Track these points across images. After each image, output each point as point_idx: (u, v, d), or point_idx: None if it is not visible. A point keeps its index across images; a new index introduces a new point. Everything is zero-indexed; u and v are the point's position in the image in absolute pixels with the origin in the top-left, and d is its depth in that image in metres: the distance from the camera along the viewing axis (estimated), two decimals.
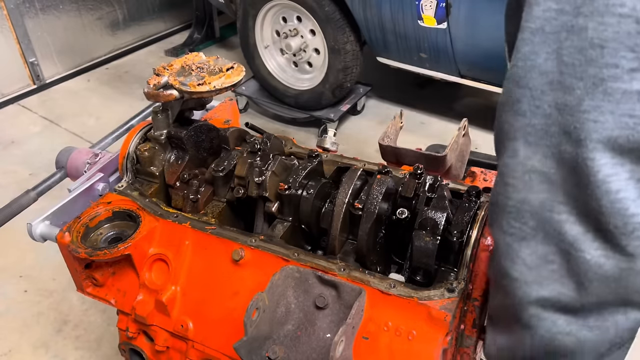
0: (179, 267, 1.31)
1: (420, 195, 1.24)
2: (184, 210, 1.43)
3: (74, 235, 1.33)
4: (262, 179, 1.34)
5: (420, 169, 1.24)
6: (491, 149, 3.22)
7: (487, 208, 1.19)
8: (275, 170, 1.36)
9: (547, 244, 0.77)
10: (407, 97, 4.10)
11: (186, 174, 1.46)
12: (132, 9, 4.82)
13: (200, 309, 1.28)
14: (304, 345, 1.07)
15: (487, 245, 1.13)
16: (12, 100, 4.15)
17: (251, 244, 1.25)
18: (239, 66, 1.43)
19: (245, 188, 1.38)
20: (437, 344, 1.04)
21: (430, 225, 1.14)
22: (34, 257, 2.72)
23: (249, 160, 1.39)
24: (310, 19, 3.40)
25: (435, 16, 3.04)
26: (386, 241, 1.27)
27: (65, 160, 1.72)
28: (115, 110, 4.03)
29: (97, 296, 1.42)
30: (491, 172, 1.41)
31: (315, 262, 1.19)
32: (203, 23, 4.85)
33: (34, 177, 3.29)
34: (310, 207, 1.31)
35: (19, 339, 2.33)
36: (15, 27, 4.02)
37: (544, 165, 0.74)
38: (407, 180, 1.24)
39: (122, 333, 1.41)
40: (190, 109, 1.55)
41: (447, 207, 1.16)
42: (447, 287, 1.09)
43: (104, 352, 2.27)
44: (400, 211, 1.20)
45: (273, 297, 1.11)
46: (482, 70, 3.25)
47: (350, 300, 1.07)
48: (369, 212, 1.21)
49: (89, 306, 2.46)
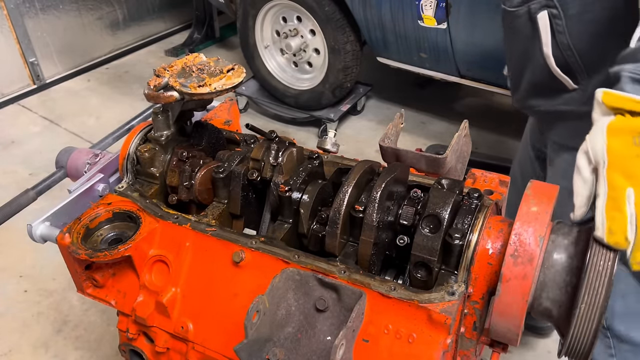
0: (179, 268, 1.31)
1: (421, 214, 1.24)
2: (179, 194, 1.44)
3: (74, 237, 1.33)
4: (277, 162, 1.36)
5: (417, 195, 1.24)
6: (491, 149, 3.22)
7: (488, 210, 1.20)
8: (291, 156, 1.38)
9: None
10: (407, 97, 4.10)
11: (185, 152, 1.47)
12: (132, 9, 4.82)
13: (201, 310, 1.28)
14: (304, 348, 1.07)
15: (487, 249, 1.13)
16: (12, 100, 4.15)
17: (251, 245, 1.25)
18: (239, 67, 1.43)
19: (260, 171, 1.38)
20: (438, 347, 1.04)
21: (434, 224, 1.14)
22: (34, 257, 2.72)
23: (266, 145, 1.41)
24: (310, 19, 3.40)
25: (435, 16, 3.04)
26: (387, 244, 1.27)
27: (65, 159, 1.72)
28: (115, 110, 4.03)
29: (97, 297, 1.42)
30: (491, 173, 1.41)
31: (316, 264, 1.19)
32: (203, 23, 4.85)
33: (34, 177, 3.29)
34: (310, 209, 1.31)
35: (19, 339, 2.33)
36: (15, 27, 4.02)
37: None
38: (405, 207, 1.24)
39: (122, 334, 1.41)
40: (190, 110, 1.56)
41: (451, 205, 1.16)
42: (448, 290, 1.09)
43: (104, 352, 2.27)
44: (400, 238, 1.20)
45: (273, 299, 1.11)
46: (482, 70, 3.25)
47: (350, 303, 1.07)
48: (369, 219, 1.20)
49: (89, 306, 2.46)
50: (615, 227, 0.92)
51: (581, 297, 1.01)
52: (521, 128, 2.09)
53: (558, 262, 1.08)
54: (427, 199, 1.19)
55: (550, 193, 1.14)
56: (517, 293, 1.05)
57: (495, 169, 1.46)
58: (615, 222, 0.92)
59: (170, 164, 1.49)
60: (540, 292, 1.09)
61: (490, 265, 1.12)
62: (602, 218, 0.94)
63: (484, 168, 1.49)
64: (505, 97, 3.51)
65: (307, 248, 1.33)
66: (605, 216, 0.93)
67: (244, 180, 1.40)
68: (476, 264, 1.13)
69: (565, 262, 1.08)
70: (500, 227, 1.16)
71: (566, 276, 1.07)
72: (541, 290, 1.09)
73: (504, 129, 3.61)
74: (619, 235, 0.92)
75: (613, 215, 0.92)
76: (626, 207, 0.92)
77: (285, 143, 1.41)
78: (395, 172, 1.26)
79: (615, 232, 0.93)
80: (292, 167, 1.39)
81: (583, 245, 1.07)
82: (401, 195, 1.31)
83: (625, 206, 0.92)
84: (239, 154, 1.46)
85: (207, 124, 1.59)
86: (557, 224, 1.15)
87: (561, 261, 1.08)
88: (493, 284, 1.11)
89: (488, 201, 1.25)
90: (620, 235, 0.92)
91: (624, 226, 0.91)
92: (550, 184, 1.17)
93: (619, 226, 0.92)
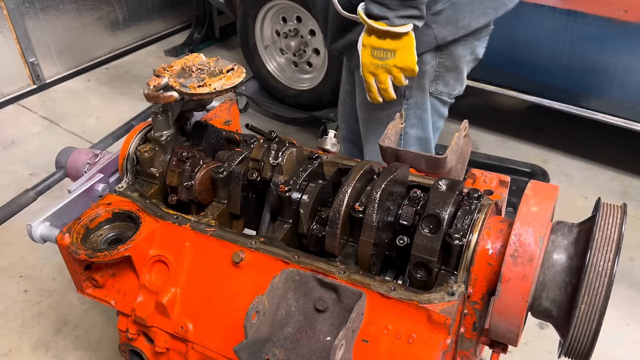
0: (179, 268, 1.30)
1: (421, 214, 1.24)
2: (178, 195, 1.45)
3: (74, 237, 1.33)
4: (277, 162, 1.36)
5: (417, 195, 1.24)
6: (490, 149, 3.23)
7: (488, 210, 1.19)
8: (291, 156, 1.38)
9: None
10: None
11: (184, 152, 1.47)
12: (132, 9, 4.81)
13: (200, 310, 1.28)
14: (304, 348, 1.07)
15: (487, 249, 1.13)
16: (12, 100, 4.15)
17: (251, 246, 1.25)
18: (239, 68, 1.43)
19: (260, 171, 1.38)
20: (437, 347, 1.04)
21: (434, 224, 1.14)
22: (34, 257, 2.72)
23: (265, 145, 1.41)
24: (310, 19, 3.40)
25: None
26: (387, 244, 1.27)
27: (65, 160, 1.72)
28: (115, 110, 4.02)
29: (97, 297, 1.42)
30: (491, 173, 1.41)
31: (316, 264, 1.19)
32: (203, 23, 4.85)
33: (34, 177, 3.29)
34: (310, 209, 1.31)
35: (19, 339, 2.33)
36: (15, 27, 4.02)
37: None
38: (405, 207, 1.24)
39: (122, 334, 1.41)
40: (190, 110, 1.56)
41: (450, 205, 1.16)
42: (447, 291, 1.09)
43: (104, 352, 2.27)
44: (400, 238, 1.20)
45: (273, 299, 1.11)
46: (482, 70, 3.25)
47: (350, 304, 1.07)
48: (369, 219, 1.20)
49: (89, 306, 2.46)
50: (374, 94, 1.60)
51: (581, 297, 1.01)
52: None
53: (558, 262, 1.08)
54: (427, 199, 1.19)
55: (550, 193, 1.14)
56: (517, 293, 1.05)
57: (495, 169, 1.46)
58: (371, 93, 1.60)
59: (170, 164, 1.49)
60: (540, 292, 1.09)
61: (490, 266, 1.12)
62: (365, 90, 1.63)
63: (484, 168, 1.49)
64: (505, 97, 3.51)
65: (307, 248, 1.33)
66: (366, 88, 1.61)
67: (244, 180, 1.40)
68: (476, 265, 1.13)
69: (565, 262, 1.08)
70: (500, 227, 1.16)
71: (566, 276, 1.07)
72: (541, 290, 1.09)
73: (504, 129, 3.60)
74: (377, 95, 1.60)
75: (371, 88, 1.59)
76: (376, 91, 1.59)
77: (285, 143, 1.41)
78: (395, 172, 1.26)
79: (374, 92, 1.60)
80: (292, 167, 1.39)
81: (583, 245, 1.07)
82: (401, 195, 1.31)
83: (375, 91, 1.59)
84: (238, 154, 1.46)
85: (207, 124, 1.59)
86: (557, 224, 1.15)
87: (561, 261, 1.08)
88: (493, 284, 1.11)
89: (488, 201, 1.25)
90: (377, 94, 1.60)
91: (374, 95, 1.61)
92: (551, 184, 1.17)
93: (376, 93, 1.60)
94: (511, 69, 3.11)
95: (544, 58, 2.91)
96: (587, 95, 2.95)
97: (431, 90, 1.78)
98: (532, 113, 3.77)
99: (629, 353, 2.22)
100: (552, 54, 2.87)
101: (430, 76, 1.74)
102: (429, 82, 1.75)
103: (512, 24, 2.86)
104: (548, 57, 2.89)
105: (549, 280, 1.08)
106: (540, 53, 2.90)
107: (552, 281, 1.08)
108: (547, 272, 1.08)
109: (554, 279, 1.08)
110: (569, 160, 3.36)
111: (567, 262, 1.08)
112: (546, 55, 2.89)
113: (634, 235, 2.70)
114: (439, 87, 1.79)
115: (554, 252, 1.09)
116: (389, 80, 1.56)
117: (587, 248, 1.02)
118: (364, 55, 1.54)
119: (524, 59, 3.00)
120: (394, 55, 1.50)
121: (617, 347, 2.21)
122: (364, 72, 1.57)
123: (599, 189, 3.13)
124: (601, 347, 1.16)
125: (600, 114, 2.95)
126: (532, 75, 3.05)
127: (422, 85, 1.74)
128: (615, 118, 2.91)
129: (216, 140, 1.59)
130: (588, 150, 3.40)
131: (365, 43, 1.53)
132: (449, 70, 1.75)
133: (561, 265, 1.08)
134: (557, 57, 2.86)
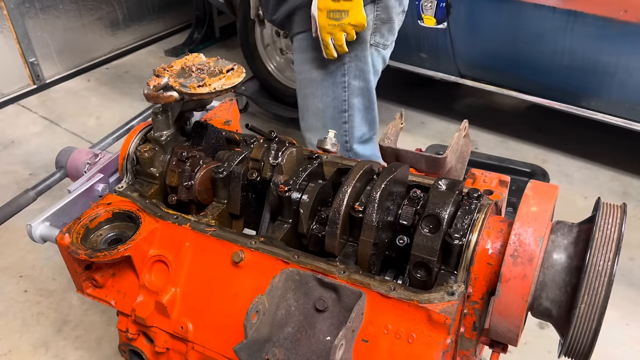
0: (179, 268, 1.30)
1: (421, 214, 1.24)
2: (178, 195, 1.45)
3: (74, 237, 1.33)
4: (277, 162, 1.36)
5: (417, 195, 1.24)
6: (490, 149, 3.24)
7: (488, 210, 1.19)
8: (291, 156, 1.38)
9: None
10: (407, 97, 4.10)
11: (184, 152, 1.47)
12: (132, 9, 4.82)
13: (200, 310, 1.28)
14: (304, 348, 1.07)
15: (487, 249, 1.13)
16: (12, 100, 4.15)
17: (251, 245, 1.25)
18: (239, 67, 1.43)
19: (259, 171, 1.38)
20: (437, 347, 1.04)
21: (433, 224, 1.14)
22: (34, 257, 2.72)
23: (265, 145, 1.41)
24: None
25: (435, 16, 3.05)
26: (387, 244, 1.27)
27: (65, 160, 1.72)
28: (115, 110, 4.03)
29: (97, 297, 1.42)
30: (491, 173, 1.41)
31: (316, 264, 1.19)
32: (203, 23, 4.85)
33: (34, 177, 3.29)
34: (310, 209, 1.31)
35: (19, 339, 2.33)
36: (15, 27, 4.02)
37: None
38: (405, 207, 1.24)
39: (122, 334, 1.41)
40: (190, 110, 1.56)
41: (450, 205, 1.16)
42: (447, 290, 1.09)
43: (104, 352, 2.27)
44: (400, 238, 1.20)
45: (273, 299, 1.11)
46: (482, 70, 3.25)
47: (350, 303, 1.07)
48: (369, 219, 1.20)
49: (89, 306, 2.46)
50: (331, 50, 1.84)
51: (581, 297, 1.01)
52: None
53: (558, 262, 1.08)
54: (427, 199, 1.19)
55: (550, 193, 1.14)
56: (516, 293, 1.05)
57: (495, 169, 1.46)
58: (328, 50, 1.83)
59: (170, 164, 1.49)
60: (540, 292, 1.09)
61: (490, 266, 1.12)
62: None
63: (484, 168, 1.49)
64: (505, 97, 3.51)
65: (307, 248, 1.32)
66: (323, 47, 1.84)
67: (244, 180, 1.40)
68: (476, 264, 1.13)
69: (564, 262, 1.08)
70: (500, 227, 1.16)
71: (566, 276, 1.07)
72: (541, 290, 1.09)
73: (504, 129, 3.61)
74: (334, 51, 1.84)
75: (328, 46, 1.82)
76: (332, 48, 1.82)
77: (285, 143, 1.41)
78: (395, 172, 1.26)
79: (330, 49, 1.83)
80: (291, 167, 1.39)
81: (583, 245, 1.07)
82: (401, 195, 1.31)
83: (332, 48, 1.82)
84: (238, 154, 1.46)
85: (207, 124, 1.59)
86: (557, 224, 1.15)
87: (561, 261, 1.08)
88: (493, 284, 1.11)
89: (488, 201, 1.25)
90: (333, 51, 1.84)
91: (331, 51, 1.85)
92: (551, 184, 1.17)
93: (332, 50, 1.84)
94: (511, 69, 3.12)
95: (544, 58, 2.91)
96: (587, 95, 2.95)
97: (371, 43, 1.97)
98: (532, 113, 3.77)
99: (629, 353, 2.22)
100: (552, 54, 2.87)
101: (370, 29, 1.93)
102: (370, 35, 1.95)
103: (512, 24, 2.87)
104: (548, 57, 2.89)
105: (549, 280, 1.08)
106: (540, 53, 2.90)
107: (552, 281, 1.08)
108: (547, 271, 1.08)
109: (553, 278, 1.08)
110: (569, 160, 3.37)
111: (567, 262, 1.08)
112: (546, 55, 2.89)
113: (634, 235, 2.70)
114: (377, 39, 1.98)
115: (554, 252, 1.09)
116: (343, 37, 1.79)
117: (587, 248, 1.02)
118: (321, 18, 1.74)
119: (524, 59, 3.00)
120: (348, 15, 1.73)
121: (617, 347, 2.22)
122: (321, 32, 1.78)
123: (599, 189, 3.13)
124: (601, 347, 1.16)
125: (600, 114, 2.95)
126: (532, 75, 3.05)
127: (364, 38, 1.92)
128: (615, 118, 2.91)
129: (216, 140, 1.59)
130: (588, 150, 3.40)
131: (320, 7, 1.72)
132: (384, 22, 1.96)
133: (561, 265, 1.08)
134: (557, 57, 2.86)
